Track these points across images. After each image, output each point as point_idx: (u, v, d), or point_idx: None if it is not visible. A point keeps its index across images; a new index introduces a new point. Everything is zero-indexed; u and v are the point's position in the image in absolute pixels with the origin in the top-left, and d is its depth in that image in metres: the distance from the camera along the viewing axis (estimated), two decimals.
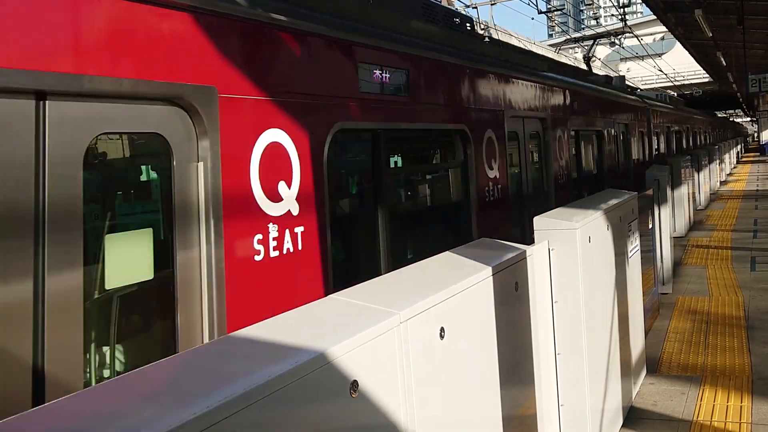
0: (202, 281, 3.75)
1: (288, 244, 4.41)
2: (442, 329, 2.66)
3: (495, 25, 26.19)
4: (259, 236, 4.15)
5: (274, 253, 4.26)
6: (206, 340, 3.76)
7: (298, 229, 4.52)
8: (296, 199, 4.53)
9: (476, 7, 24.88)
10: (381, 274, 4.18)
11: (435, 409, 2.62)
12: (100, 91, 3.24)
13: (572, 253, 4.22)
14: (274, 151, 4.39)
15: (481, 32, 23.36)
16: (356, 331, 2.14)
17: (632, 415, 5.32)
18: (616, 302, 5.17)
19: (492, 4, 25.76)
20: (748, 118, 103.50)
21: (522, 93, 8.69)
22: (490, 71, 7.79)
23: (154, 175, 3.99)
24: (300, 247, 4.50)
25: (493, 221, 7.52)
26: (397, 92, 6.05)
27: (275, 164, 4.37)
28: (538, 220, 4.28)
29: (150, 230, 3.65)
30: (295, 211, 4.52)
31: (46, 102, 3.04)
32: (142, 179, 4.01)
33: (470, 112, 7.17)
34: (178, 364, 1.88)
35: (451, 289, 2.77)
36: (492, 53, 8.56)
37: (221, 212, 3.84)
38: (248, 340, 2.03)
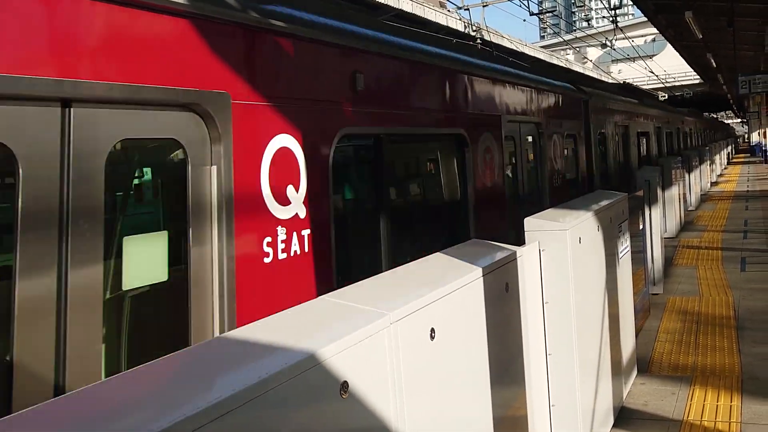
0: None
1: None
2: (432, 330, 2.67)
3: (487, 26, 26.20)
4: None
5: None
6: None
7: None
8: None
9: (468, 9, 24.90)
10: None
11: (425, 410, 2.63)
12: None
13: (563, 254, 4.24)
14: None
15: (473, 33, 23.39)
16: (347, 332, 2.15)
17: (623, 415, 5.34)
18: (606, 303, 5.20)
19: (484, 6, 25.78)
20: (738, 120, 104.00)
21: None
22: None
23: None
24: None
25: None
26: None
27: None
28: (528, 221, 4.30)
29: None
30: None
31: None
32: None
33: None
34: (167, 366, 1.88)
35: (441, 290, 2.78)
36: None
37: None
38: (239, 341, 2.03)
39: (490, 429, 3.21)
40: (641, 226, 8.31)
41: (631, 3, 21.42)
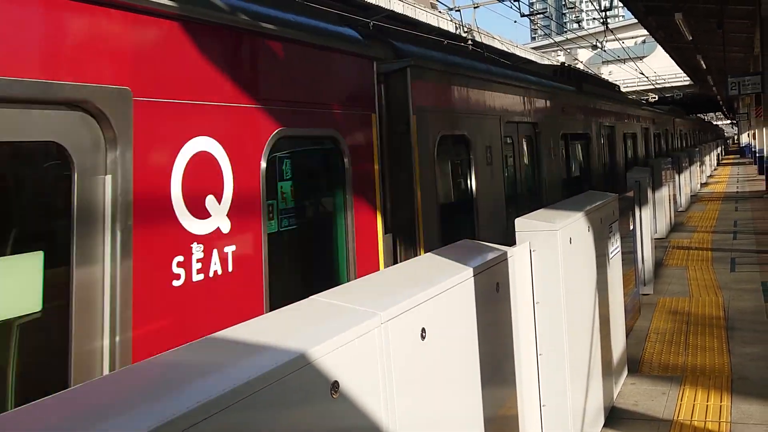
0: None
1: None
2: (423, 330, 2.67)
3: (478, 28, 26.26)
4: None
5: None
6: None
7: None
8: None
9: (459, 10, 24.96)
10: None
11: (416, 410, 2.63)
12: None
13: (553, 255, 4.25)
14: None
15: (465, 35, 23.42)
16: (337, 332, 2.14)
17: (614, 415, 5.36)
18: (597, 303, 5.21)
19: (475, 8, 25.84)
20: (729, 121, 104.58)
21: None
22: None
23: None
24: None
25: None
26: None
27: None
28: (519, 222, 4.31)
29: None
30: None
31: None
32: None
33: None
34: (156, 366, 1.87)
35: (432, 290, 2.78)
36: None
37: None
38: (228, 341, 2.03)
39: (481, 429, 3.21)
40: (631, 227, 8.34)
41: (621, 5, 21.51)
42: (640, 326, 7.81)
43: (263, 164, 4.46)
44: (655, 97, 57.87)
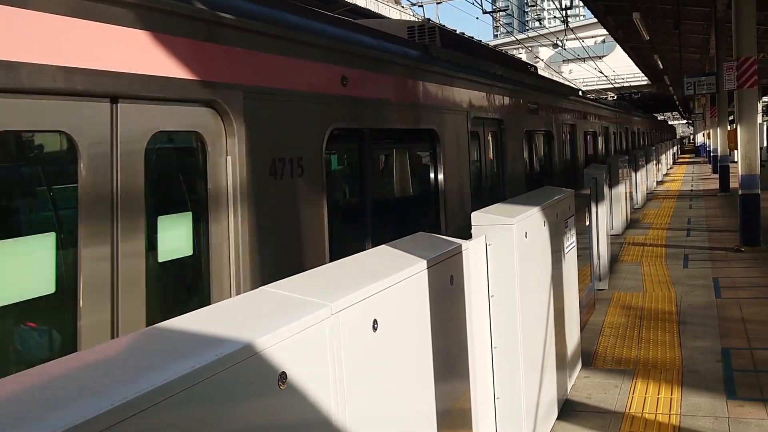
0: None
1: None
2: (375, 321, 2.65)
3: (441, 24, 26.33)
4: None
5: None
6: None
7: None
8: None
9: (422, 6, 25.00)
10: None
11: (367, 402, 2.61)
12: None
13: (508, 249, 4.27)
14: None
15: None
16: (285, 323, 2.11)
17: (567, 407, 5.42)
18: (552, 297, 5.26)
19: (437, 3, 25.92)
20: (685, 121, 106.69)
21: None
22: None
23: None
24: None
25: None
26: None
27: None
28: (475, 216, 4.32)
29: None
30: None
31: None
32: None
33: None
34: (94, 356, 1.82)
35: (384, 281, 2.76)
36: None
37: None
38: (172, 332, 1.98)
39: (433, 421, 3.20)
40: (588, 223, 8.44)
41: (581, 4, 21.74)
42: (595, 321, 7.92)
43: None
44: (614, 96, 58.71)
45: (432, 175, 7.86)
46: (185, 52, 4.02)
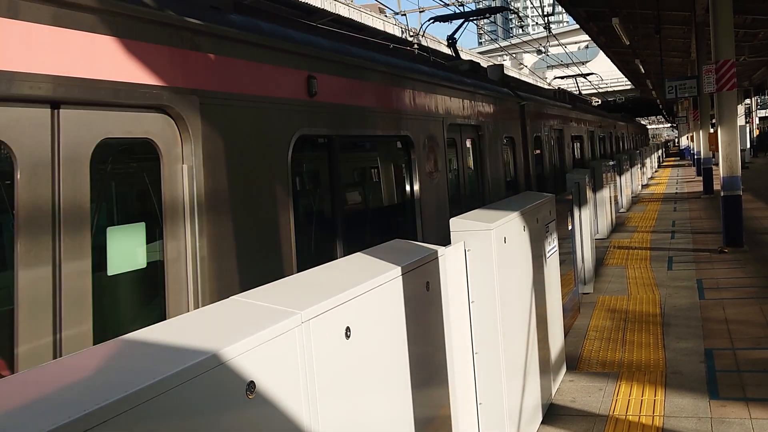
0: None
1: None
2: (348, 329, 2.64)
3: (424, 32, 26.42)
4: None
5: None
6: None
7: None
8: None
9: (405, 14, 25.08)
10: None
11: (343, 411, 2.59)
12: None
13: (488, 254, 4.27)
14: None
15: (411, 39, 23.50)
16: (254, 331, 2.10)
17: (551, 411, 5.41)
18: (533, 302, 5.26)
19: (420, 12, 26.00)
20: (669, 125, 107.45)
21: None
22: None
23: None
24: None
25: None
26: None
27: None
28: (453, 222, 4.32)
29: None
30: None
31: None
32: None
33: None
34: (58, 367, 1.80)
35: (357, 289, 2.75)
36: None
37: None
38: (139, 342, 1.96)
39: (411, 430, 3.19)
40: (570, 227, 8.46)
41: (563, 11, 21.87)
42: (580, 324, 7.93)
43: None
44: (598, 101, 59.08)
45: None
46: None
